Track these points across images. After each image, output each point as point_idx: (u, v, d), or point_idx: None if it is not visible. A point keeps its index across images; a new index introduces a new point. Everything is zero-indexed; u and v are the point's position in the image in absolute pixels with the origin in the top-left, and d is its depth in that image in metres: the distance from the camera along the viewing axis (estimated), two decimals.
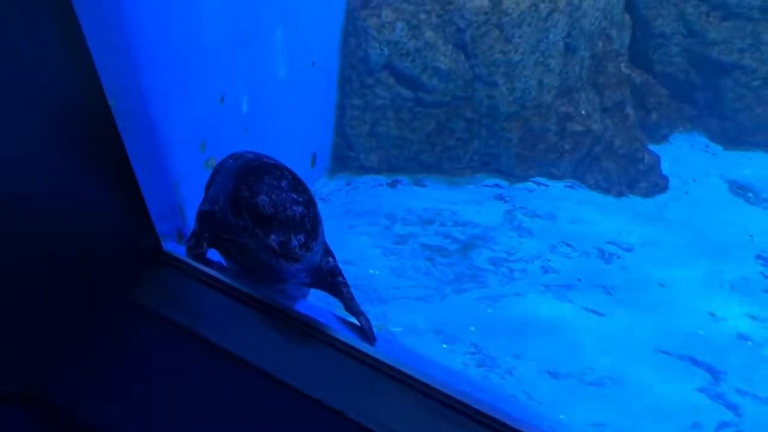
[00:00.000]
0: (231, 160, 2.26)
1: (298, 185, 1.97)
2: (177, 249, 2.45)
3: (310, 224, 1.92)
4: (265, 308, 2.26)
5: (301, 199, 1.90)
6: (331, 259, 2.32)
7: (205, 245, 2.31)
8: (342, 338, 2.20)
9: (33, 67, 1.72)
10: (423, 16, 4.52)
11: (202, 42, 2.91)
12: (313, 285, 2.38)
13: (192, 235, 2.34)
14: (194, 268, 2.36)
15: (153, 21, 2.51)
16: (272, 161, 2.10)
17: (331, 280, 2.31)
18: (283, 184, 1.92)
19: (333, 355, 2.17)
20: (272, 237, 1.88)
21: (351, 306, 2.23)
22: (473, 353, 3.50)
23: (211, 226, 2.25)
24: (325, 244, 2.29)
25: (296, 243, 1.89)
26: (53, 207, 1.95)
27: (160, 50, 2.54)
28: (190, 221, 2.68)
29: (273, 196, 1.89)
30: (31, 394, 1.89)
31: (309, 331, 2.20)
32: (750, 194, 4.95)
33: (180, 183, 2.80)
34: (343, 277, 2.34)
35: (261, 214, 1.88)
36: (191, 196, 2.76)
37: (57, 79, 1.84)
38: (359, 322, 2.18)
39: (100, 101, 2.00)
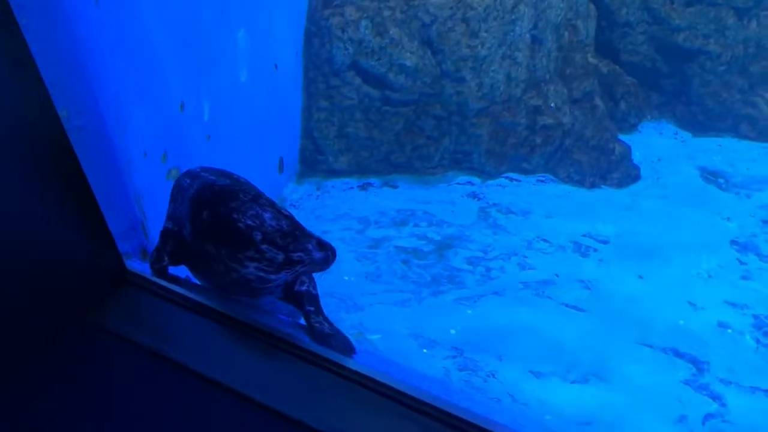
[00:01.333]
0: (188, 180, 2.17)
1: (261, 198, 1.96)
2: (142, 267, 2.33)
3: (299, 234, 1.90)
4: (237, 325, 2.15)
5: (285, 212, 1.90)
6: (306, 280, 2.23)
7: (166, 259, 2.21)
8: (318, 351, 2.12)
9: None
10: (387, 13, 4.42)
11: (160, 47, 2.77)
12: (285, 299, 2.29)
13: (154, 251, 2.24)
14: (160, 287, 2.24)
15: (106, 26, 2.38)
16: (226, 180, 2.04)
17: (302, 306, 2.23)
18: (262, 200, 1.92)
19: (311, 371, 2.08)
20: (294, 252, 1.88)
21: (317, 336, 2.14)
22: (454, 357, 3.43)
23: (177, 245, 2.15)
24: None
25: (293, 258, 1.89)
26: (1, 230, 1.82)
27: (115, 57, 2.41)
28: (155, 237, 2.55)
29: (261, 210, 1.89)
30: None
31: (283, 346, 2.10)
32: (721, 180, 4.96)
33: (142, 197, 2.66)
34: (313, 305, 2.25)
35: (273, 235, 1.87)
36: (155, 211, 2.63)
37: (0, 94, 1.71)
38: (330, 346, 2.10)
39: (49, 114, 1.88)
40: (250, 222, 1.89)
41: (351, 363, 2.12)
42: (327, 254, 1.94)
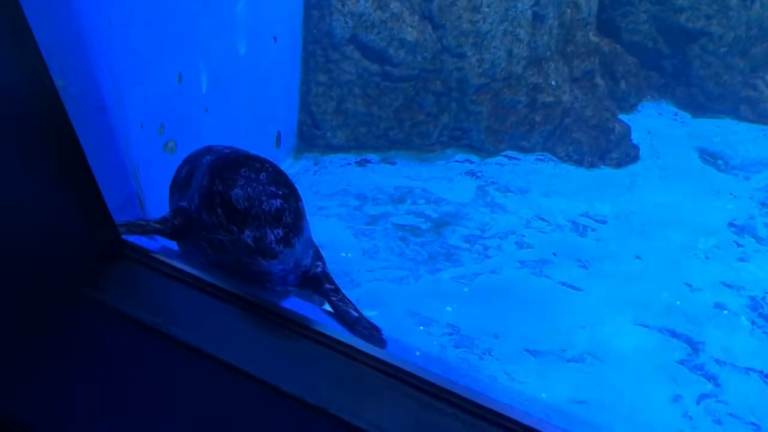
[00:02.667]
0: (208, 156, 2.11)
1: (279, 178, 1.82)
2: (139, 241, 2.30)
3: (291, 218, 1.79)
4: (239, 302, 2.13)
5: (280, 192, 1.77)
6: (320, 263, 2.19)
7: (167, 227, 2.15)
8: (315, 328, 2.10)
9: None
10: None
11: (159, 17, 2.72)
12: (301, 287, 2.25)
13: (161, 217, 2.19)
14: (159, 261, 2.21)
15: None
16: (250, 154, 1.96)
17: (319, 288, 2.19)
18: (261, 177, 1.78)
19: (308, 347, 2.06)
20: (246, 232, 1.76)
21: (344, 318, 2.10)
22: (450, 334, 3.42)
23: (188, 224, 2.10)
24: (315, 247, 2.16)
25: (273, 238, 1.76)
26: None
27: (113, 26, 2.36)
28: (151, 210, 2.52)
29: (248, 189, 1.76)
30: None
31: (285, 323, 2.08)
32: (720, 162, 4.94)
33: (139, 170, 2.63)
34: (332, 283, 2.21)
35: (235, 207, 1.76)
36: (151, 183, 2.60)
37: None
38: (356, 333, 2.06)
39: (46, 82, 1.83)
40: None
41: (348, 339, 2.11)
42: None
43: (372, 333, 2.02)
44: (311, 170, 4.59)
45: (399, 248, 3.98)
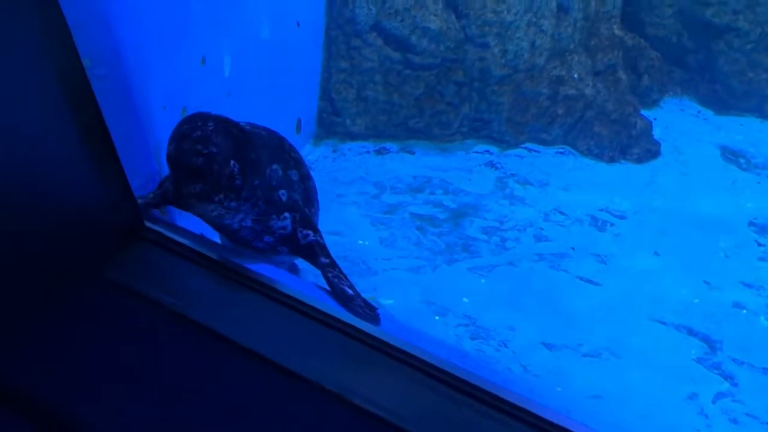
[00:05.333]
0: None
1: (214, 137, 1.93)
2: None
3: (214, 178, 1.93)
4: (254, 284, 2.14)
5: (205, 151, 1.91)
6: (310, 232, 2.22)
7: (156, 194, 2.37)
8: (333, 314, 2.10)
9: None
10: None
11: None
12: (293, 254, 2.29)
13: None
14: (177, 243, 2.22)
15: None
16: (211, 114, 2.04)
17: (313, 260, 2.22)
18: (195, 135, 1.92)
19: (326, 333, 2.06)
20: (171, 184, 2.05)
21: (339, 295, 2.13)
22: (466, 325, 3.42)
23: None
24: (299, 213, 2.20)
25: (189, 191, 1.95)
26: (20, 178, 1.79)
27: (140, 7, 2.36)
28: None
29: (177, 145, 1.94)
30: (3, 384, 1.75)
31: (299, 307, 2.09)
32: (742, 160, 4.88)
33: (160, 151, 2.63)
34: (328, 257, 2.24)
35: (168, 162, 1.98)
36: None
37: (26, 39, 1.66)
38: (351, 310, 2.09)
39: (74, 61, 1.84)
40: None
41: (369, 328, 2.11)
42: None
43: (366, 312, 2.07)
44: (330, 157, 4.58)
45: (416, 237, 3.97)
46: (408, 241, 3.93)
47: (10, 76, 1.62)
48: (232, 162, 1.94)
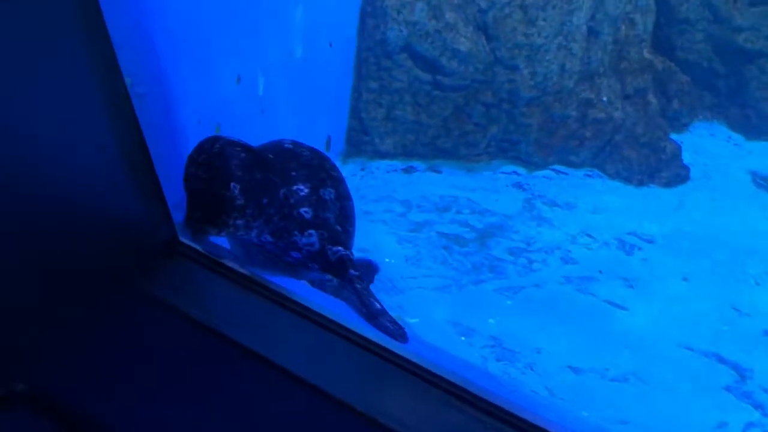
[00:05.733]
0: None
1: (214, 161, 2.11)
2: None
3: (208, 202, 2.11)
4: (286, 302, 2.16)
5: (205, 176, 2.10)
6: (340, 248, 2.28)
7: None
8: (364, 335, 2.12)
9: (48, 46, 1.61)
10: None
11: (222, 19, 2.78)
12: (324, 271, 2.34)
13: None
14: (211, 260, 2.26)
15: None
16: (222, 138, 2.18)
17: (343, 273, 2.27)
18: (199, 159, 2.13)
19: (357, 352, 2.08)
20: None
21: (368, 308, 2.17)
22: (492, 346, 3.41)
23: None
24: (327, 230, 2.26)
25: (194, 216, 2.14)
26: (61, 193, 1.84)
27: (179, 28, 2.42)
28: None
29: (188, 170, 2.13)
30: (39, 393, 1.79)
31: (332, 327, 2.11)
32: None
33: None
34: (357, 270, 2.29)
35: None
36: None
37: (72, 57, 1.72)
38: (379, 326, 2.12)
39: (117, 80, 1.89)
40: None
41: (396, 347, 2.12)
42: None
43: (395, 328, 2.11)
44: (358, 175, 4.62)
45: (442, 257, 3.98)
46: (434, 260, 3.94)
47: (60, 96, 1.67)
48: (232, 185, 2.08)
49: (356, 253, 3.74)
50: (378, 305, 2.20)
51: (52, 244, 1.82)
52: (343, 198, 2.40)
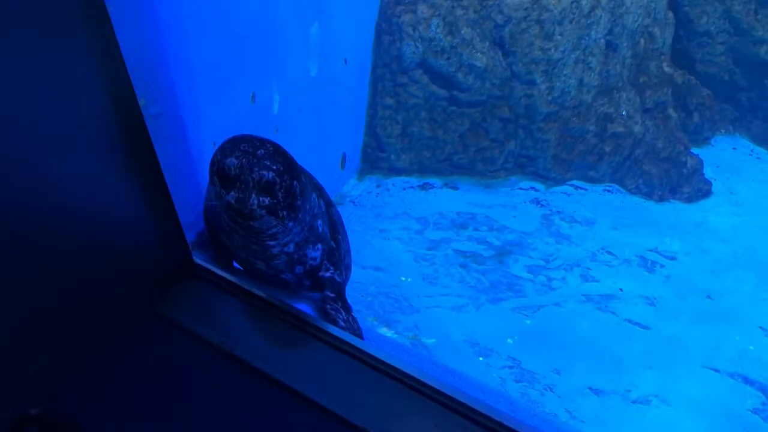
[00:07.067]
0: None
1: (277, 156, 1.86)
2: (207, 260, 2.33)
3: (281, 193, 1.84)
4: (301, 324, 2.13)
5: (274, 167, 1.82)
6: (332, 267, 2.20)
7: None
8: (380, 356, 2.08)
9: (62, 66, 1.59)
10: (459, 12, 4.34)
11: (236, 38, 2.76)
12: (313, 290, 2.25)
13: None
14: (226, 281, 2.23)
15: (185, 18, 2.38)
16: (257, 137, 2.00)
17: (321, 290, 2.21)
18: (259, 153, 1.84)
19: (370, 374, 2.04)
20: (231, 194, 1.82)
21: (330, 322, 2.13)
22: (511, 367, 3.34)
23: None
24: (329, 247, 2.18)
25: (255, 202, 1.81)
26: (78, 215, 1.82)
27: (193, 47, 2.41)
28: None
29: (243, 160, 1.82)
30: (54, 417, 1.77)
31: (346, 348, 2.07)
32: None
33: None
34: (337, 293, 2.22)
35: (227, 174, 1.82)
36: None
37: (87, 79, 1.71)
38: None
39: (130, 101, 1.87)
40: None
41: (409, 368, 2.08)
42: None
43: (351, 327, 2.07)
44: (374, 192, 4.59)
45: (459, 275, 3.93)
46: (451, 278, 3.89)
47: (73, 118, 1.66)
48: (294, 182, 1.89)
49: (372, 273, 3.72)
50: (341, 320, 2.17)
51: (67, 264, 1.80)
52: (329, 206, 2.32)
